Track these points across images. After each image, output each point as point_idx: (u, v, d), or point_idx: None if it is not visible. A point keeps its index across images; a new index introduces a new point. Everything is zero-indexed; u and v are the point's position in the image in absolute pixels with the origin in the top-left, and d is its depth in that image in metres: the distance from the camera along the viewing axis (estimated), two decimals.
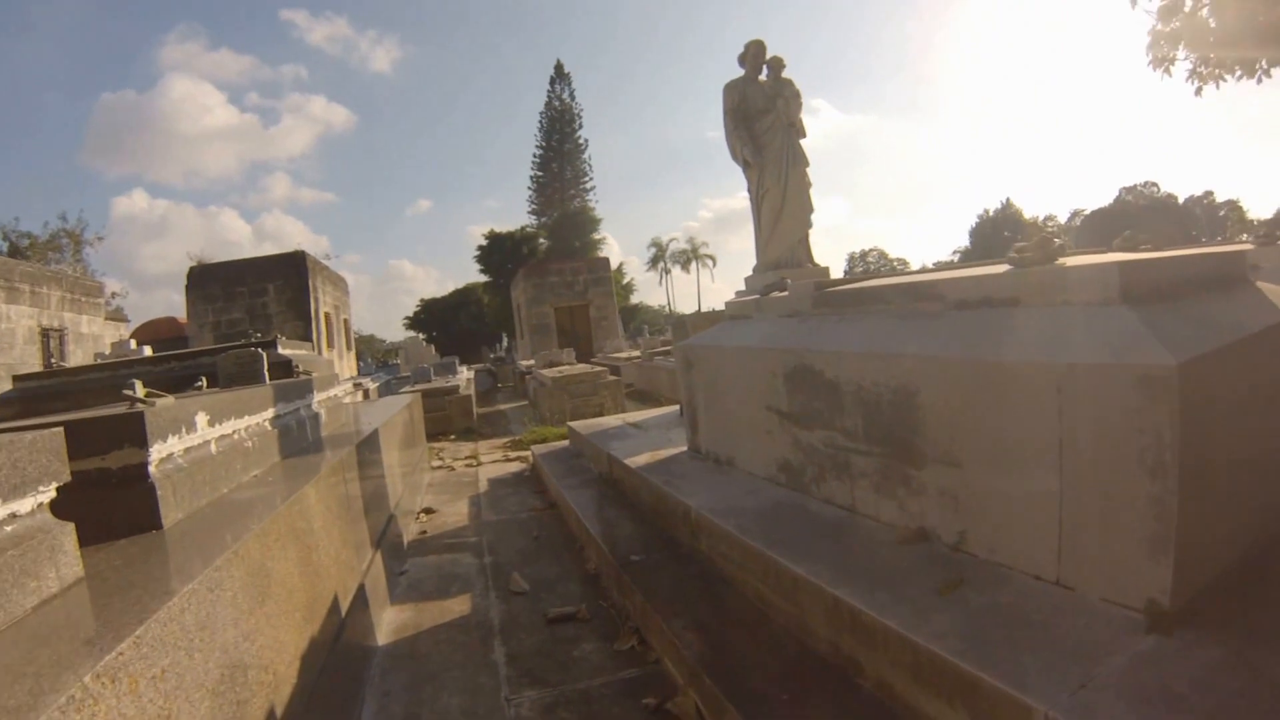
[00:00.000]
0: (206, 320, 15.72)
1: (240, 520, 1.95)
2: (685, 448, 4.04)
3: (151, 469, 1.89)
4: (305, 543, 2.15)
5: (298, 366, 4.48)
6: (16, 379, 4.91)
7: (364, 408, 5.21)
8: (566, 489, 4.37)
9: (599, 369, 10.30)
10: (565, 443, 6.05)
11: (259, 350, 3.65)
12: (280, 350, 4.71)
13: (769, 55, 7.86)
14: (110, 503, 1.87)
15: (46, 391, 5.24)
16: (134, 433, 1.87)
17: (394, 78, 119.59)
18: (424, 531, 4.29)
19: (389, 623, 3.03)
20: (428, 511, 4.72)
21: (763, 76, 7.91)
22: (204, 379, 3.63)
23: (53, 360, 12.20)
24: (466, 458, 6.95)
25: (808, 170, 7.77)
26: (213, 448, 2.21)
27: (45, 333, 12.80)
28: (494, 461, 6.54)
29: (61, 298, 13.66)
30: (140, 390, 2.12)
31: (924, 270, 3.44)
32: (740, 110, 7.67)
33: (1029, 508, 1.73)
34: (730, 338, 3.59)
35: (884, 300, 2.56)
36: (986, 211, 55.06)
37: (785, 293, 3.64)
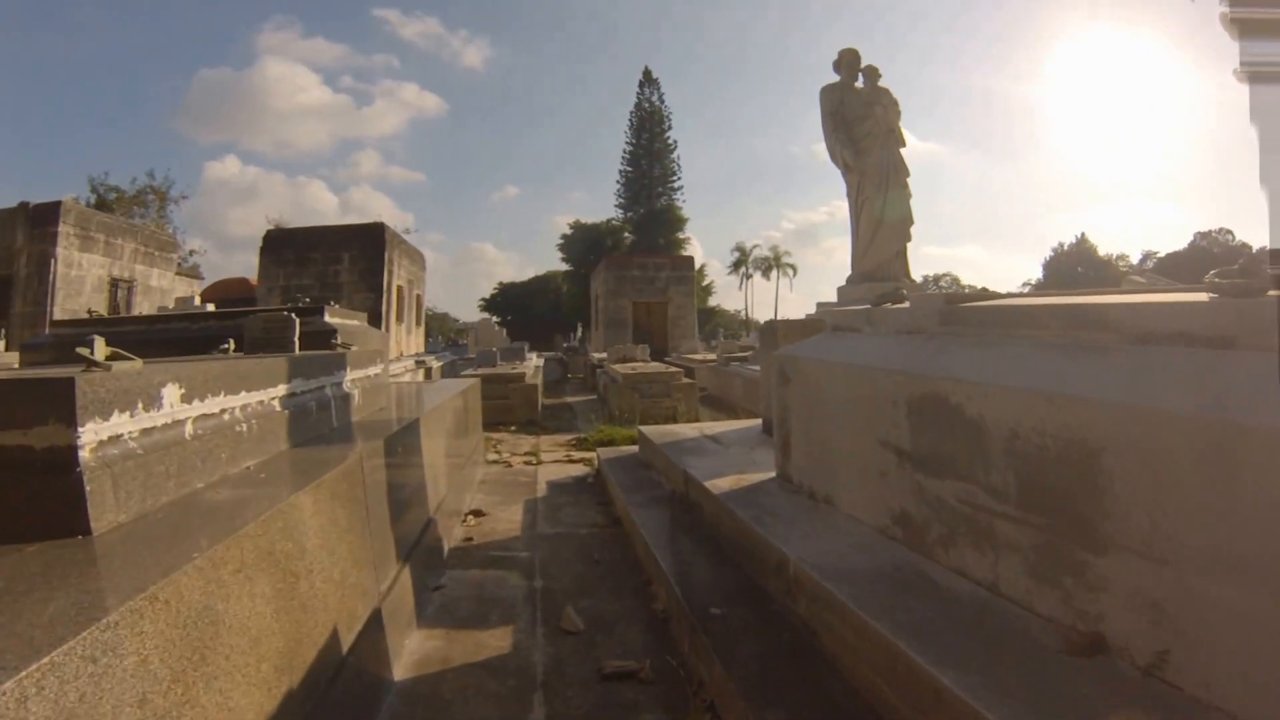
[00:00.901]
0: (277, 284, 15.93)
1: (203, 530, 1.42)
2: (772, 473, 3.36)
3: (83, 454, 1.37)
4: (289, 569, 1.60)
5: (337, 338, 4.05)
6: (53, 324, 4.71)
7: (412, 390, 4.76)
8: (634, 506, 3.74)
9: (673, 370, 9.66)
10: (634, 449, 5.44)
11: (291, 315, 3.18)
12: (327, 318, 4.30)
13: (863, 64, 7.29)
14: (27, 492, 1.37)
15: (81, 340, 5.04)
16: (60, 405, 1.36)
17: (485, 73, 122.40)
18: (469, 539, 3.76)
19: (412, 652, 2.48)
20: (476, 514, 4.19)
21: (859, 84, 7.29)
22: (232, 342, 3.21)
23: (91, 311, 12.57)
24: (526, 454, 6.44)
25: (909, 181, 7.01)
26: (188, 429, 1.69)
27: (115, 283, 13.11)
28: (555, 461, 5.99)
29: (135, 250, 14.00)
30: (100, 350, 1.64)
31: (1079, 291, 2.66)
32: (839, 114, 7.04)
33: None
34: (836, 352, 2.88)
35: (1034, 324, 1.98)
36: (1061, 245, 53.54)
37: (903, 304, 2.91)
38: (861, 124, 6.77)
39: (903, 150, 6.93)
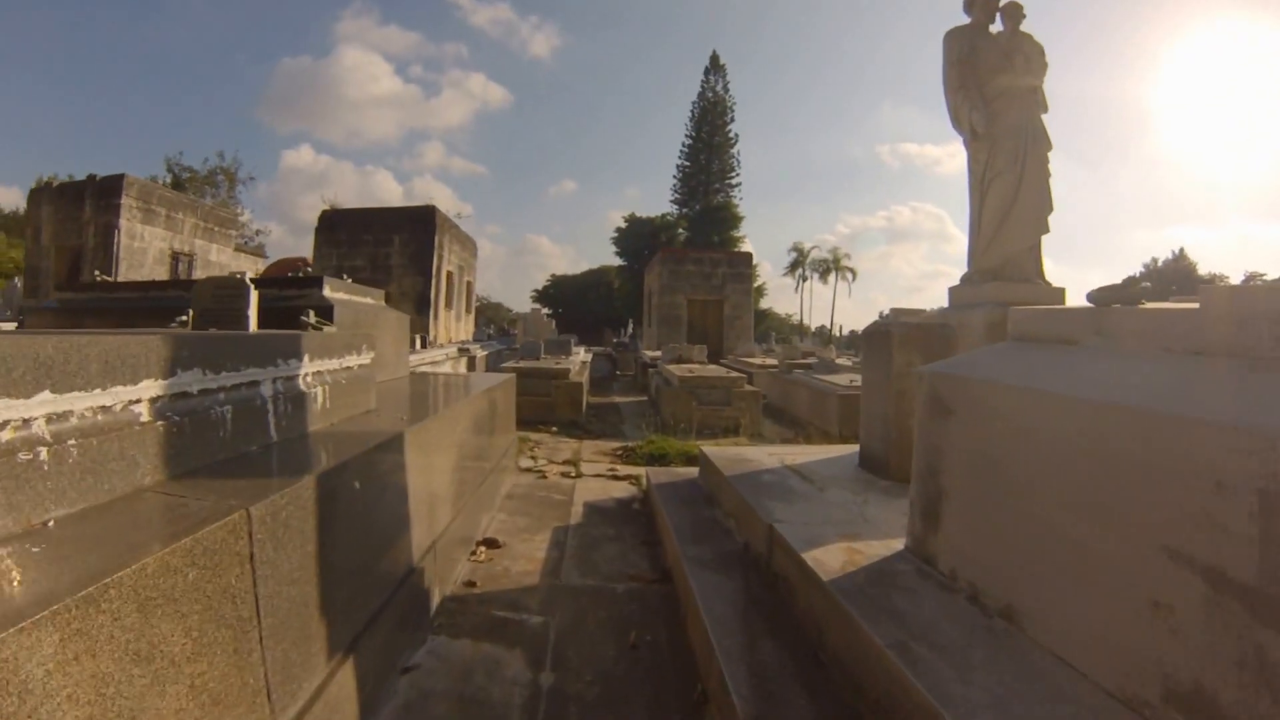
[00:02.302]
0: (330, 264, 15.66)
1: None
2: (899, 543, 2.36)
3: None
4: None
5: (334, 316, 3.21)
6: (58, 288, 4.04)
7: (429, 386, 3.91)
8: (692, 564, 2.77)
9: (735, 375, 8.63)
10: (691, 471, 4.47)
11: (246, 280, 2.34)
12: (328, 292, 3.47)
13: (1004, 0, 5.90)
14: None
15: (84, 306, 4.43)
16: None
17: (551, 64, 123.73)
18: (472, 583, 2.86)
19: None
20: (490, 546, 3.30)
21: (996, 26, 5.95)
22: (190, 313, 2.38)
23: (98, 275, 12.66)
24: (564, 463, 5.53)
25: (1049, 155, 5.72)
26: None
27: (175, 256, 13.09)
28: (596, 476, 5.07)
29: (195, 225, 14.06)
30: None
31: None
32: (967, 65, 5.72)
33: None
34: (1045, 376, 1.83)
35: None
36: (1155, 261, 50.38)
37: (1166, 305, 1.86)
38: (996, 79, 5.51)
39: (1045, 116, 5.67)
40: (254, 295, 2.32)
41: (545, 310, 37.60)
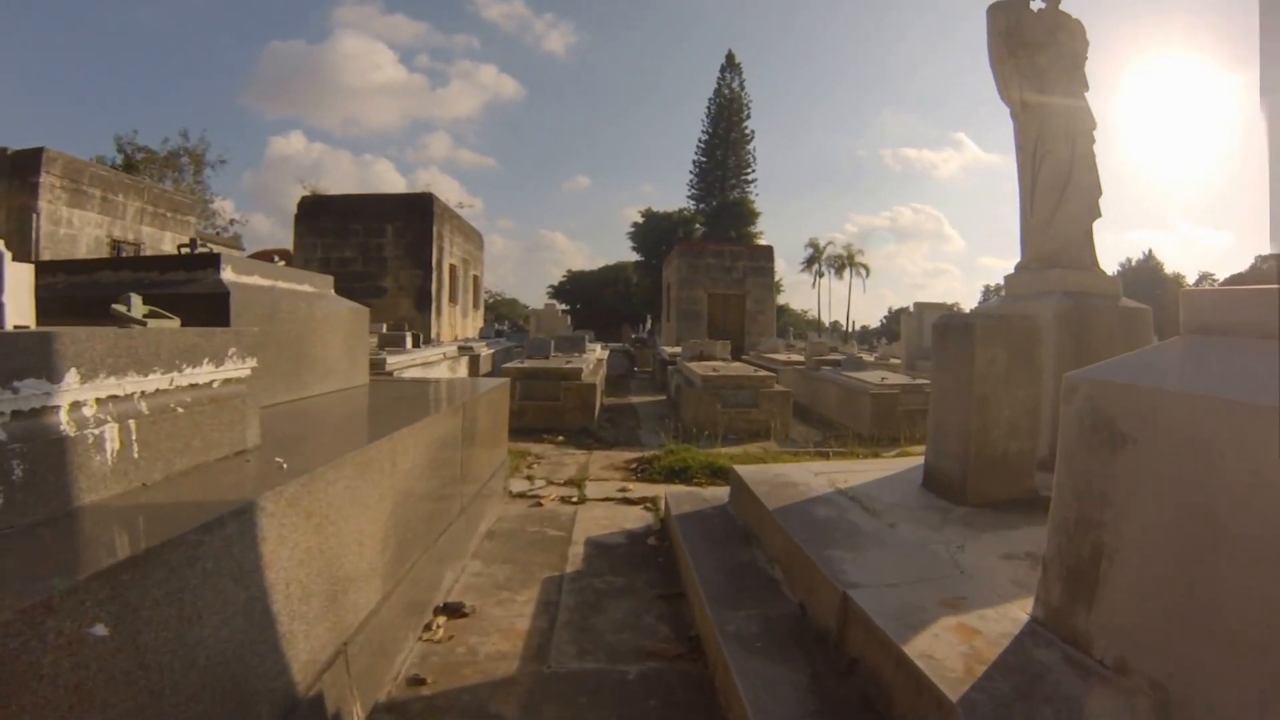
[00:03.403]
0: (315, 255, 14.62)
1: None
2: (1019, 608, 1.56)
3: None
4: None
5: (229, 308, 2.42)
6: None
7: (376, 401, 3.11)
8: (733, 644, 1.95)
9: (762, 373, 7.78)
10: (718, 492, 3.65)
11: None
12: (228, 275, 2.63)
13: None
14: None
15: None
16: None
17: (566, 60, 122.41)
18: (420, 679, 2.05)
19: None
20: (452, 614, 2.49)
21: (1037, 4, 5.20)
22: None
23: None
24: (566, 483, 4.72)
25: (1095, 133, 4.97)
26: None
27: (117, 244, 11.69)
28: (604, 499, 4.25)
29: (140, 210, 12.51)
30: None
31: None
32: (1013, 37, 5.02)
33: None
34: None
35: None
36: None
37: None
38: (1040, 54, 4.78)
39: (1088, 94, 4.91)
40: (25, 274, 1.54)
41: (562, 306, 37.00)
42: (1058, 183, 4.56)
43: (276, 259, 14.01)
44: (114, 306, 1.84)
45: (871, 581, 1.85)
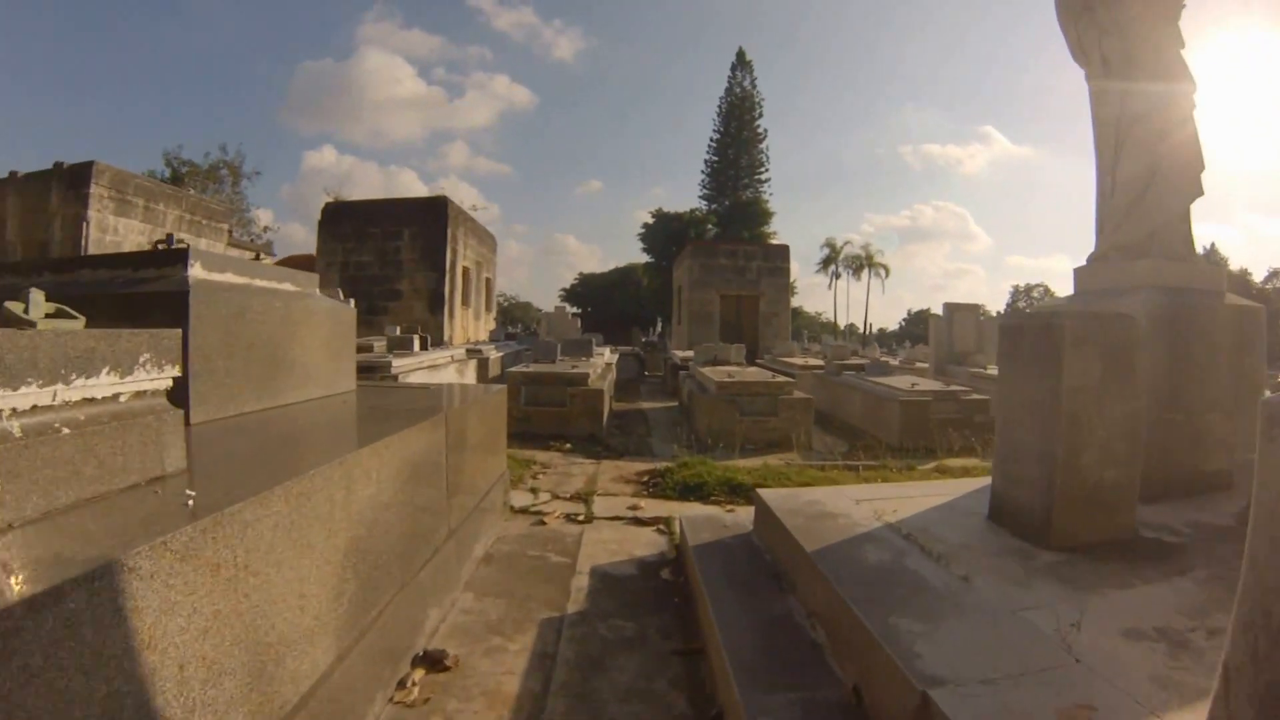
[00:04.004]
0: (335, 260, 14.60)
1: None
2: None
3: None
4: None
5: (189, 308, 2.04)
6: None
7: (349, 412, 2.71)
8: None
9: (781, 379, 7.33)
10: (741, 517, 3.23)
11: None
12: (195, 272, 2.23)
13: None
14: None
15: None
16: None
17: (575, 66, 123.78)
18: None
19: None
20: (432, 666, 2.09)
21: None
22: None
23: None
24: (573, 497, 4.31)
25: (1195, 96, 4.34)
26: None
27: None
28: (614, 519, 3.83)
29: (179, 218, 12.97)
30: None
31: None
32: None
33: None
34: None
35: None
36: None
37: None
38: (1124, 4, 4.19)
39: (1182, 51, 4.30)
40: None
41: (573, 309, 36.68)
42: (1147, 157, 4.01)
43: (261, 260, 13.83)
44: (6, 305, 1.45)
45: (959, 674, 1.41)
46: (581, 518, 3.79)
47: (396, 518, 2.04)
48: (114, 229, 11.57)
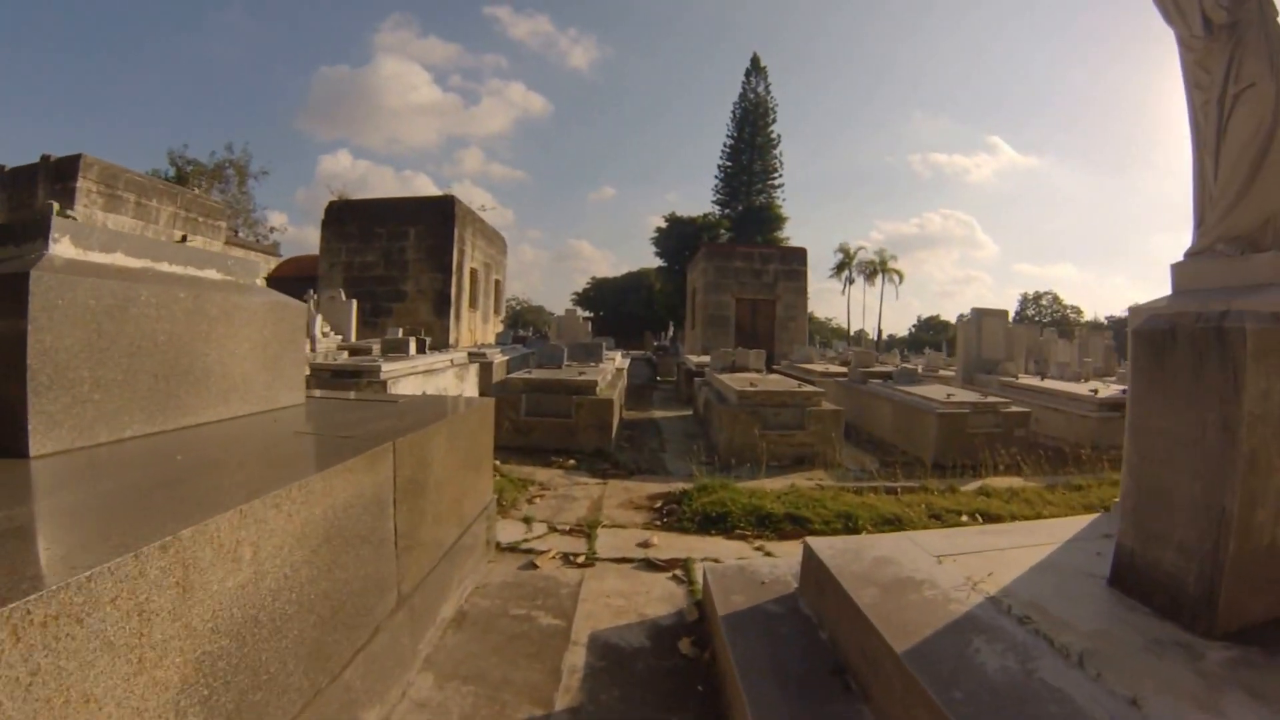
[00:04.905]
0: (339, 259, 14.09)
1: None
2: None
3: None
4: None
5: (28, 304, 1.43)
6: None
7: (285, 431, 2.08)
8: None
9: (809, 389, 6.66)
10: (782, 563, 2.57)
11: None
12: (62, 250, 1.59)
13: None
14: None
15: None
16: None
17: (589, 75, 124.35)
18: None
19: None
20: None
21: None
22: None
23: None
24: (572, 531, 3.66)
25: None
26: None
27: None
28: (621, 561, 3.19)
29: (173, 215, 12.44)
30: None
31: None
32: None
33: None
34: None
35: None
36: None
37: None
38: None
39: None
40: None
41: (585, 313, 36.09)
42: (1261, 133, 3.30)
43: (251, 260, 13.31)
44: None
45: None
46: (581, 559, 3.15)
47: (298, 604, 1.41)
48: (103, 225, 11.14)
